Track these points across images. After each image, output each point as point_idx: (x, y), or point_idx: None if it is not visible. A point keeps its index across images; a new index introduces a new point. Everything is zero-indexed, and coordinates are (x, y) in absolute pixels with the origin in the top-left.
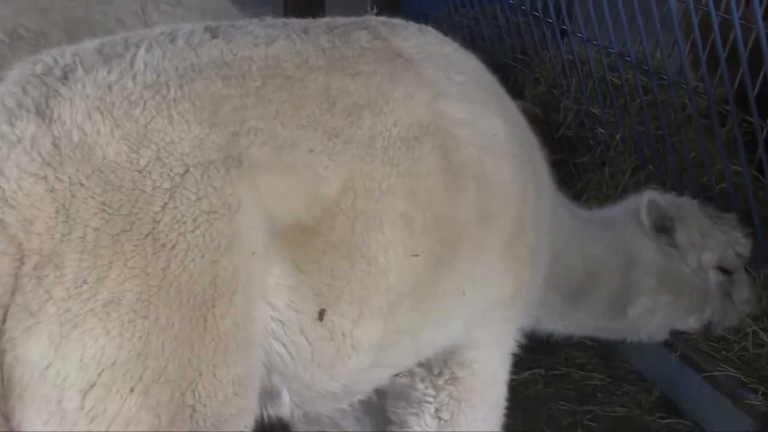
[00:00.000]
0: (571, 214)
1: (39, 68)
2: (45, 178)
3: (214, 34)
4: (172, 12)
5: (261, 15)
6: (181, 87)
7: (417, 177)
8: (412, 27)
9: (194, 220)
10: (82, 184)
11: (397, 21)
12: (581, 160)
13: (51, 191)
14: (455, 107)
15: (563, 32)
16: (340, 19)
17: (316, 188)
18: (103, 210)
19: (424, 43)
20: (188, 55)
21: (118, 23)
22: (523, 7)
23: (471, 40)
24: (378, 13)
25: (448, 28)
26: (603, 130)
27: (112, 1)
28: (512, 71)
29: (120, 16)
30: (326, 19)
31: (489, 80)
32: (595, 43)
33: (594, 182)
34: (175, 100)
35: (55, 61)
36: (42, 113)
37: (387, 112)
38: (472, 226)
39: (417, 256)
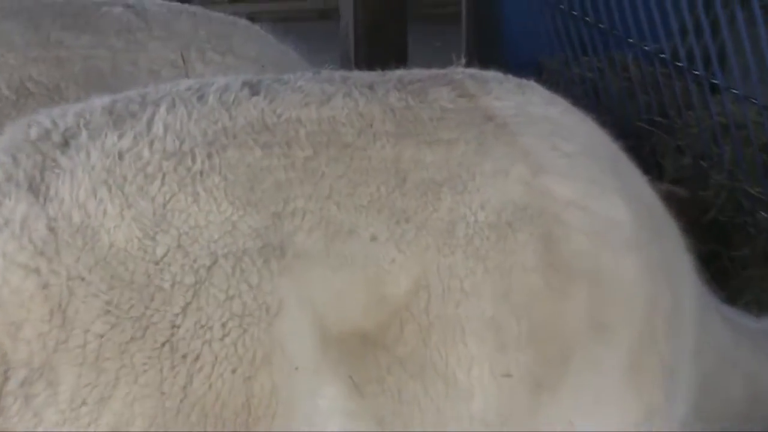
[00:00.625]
0: (726, 323)
1: (34, 132)
2: (37, 270)
3: (253, 90)
4: (221, 62)
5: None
6: (209, 156)
7: (510, 274)
8: (510, 82)
9: (223, 325)
10: (82, 279)
11: (490, 74)
12: (739, 253)
13: (44, 287)
14: (562, 185)
15: (714, 87)
16: (417, 72)
17: (379, 287)
18: (109, 312)
19: (523, 103)
20: (220, 116)
21: (152, 75)
22: (663, 56)
23: (594, 97)
24: (467, 64)
25: (564, 82)
26: (766, 214)
27: (146, 49)
28: (647, 138)
29: (154, 67)
30: (399, 72)
31: (609, 150)
32: (755, 101)
33: (756, 280)
34: (201, 173)
35: (54, 123)
36: (36, 189)
37: (472, 190)
38: (584, 338)
39: (509, 376)
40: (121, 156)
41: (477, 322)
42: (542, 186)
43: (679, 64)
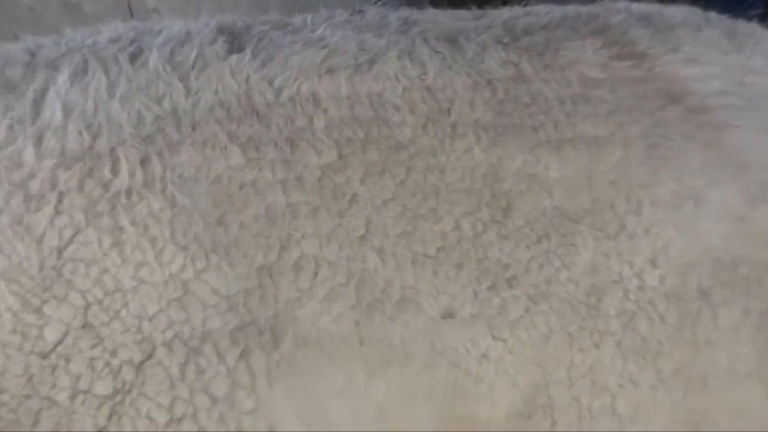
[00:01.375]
0: None
1: None
2: None
3: (233, 42)
4: None
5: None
6: (145, 162)
7: (706, 387)
8: (714, 27)
9: None
10: None
11: (676, 12)
12: None
13: None
14: None
15: None
16: (541, 11)
17: (459, 406)
18: None
19: (737, 68)
20: (169, 90)
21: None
22: None
23: None
24: None
25: None
26: None
27: None
28: None
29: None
30: (507, 12)
31: None
32: None
33: None
34: (129, 194)
35: None
36: None
37: (636, 233)
38: None
39: None
40: None
41: None
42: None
43: None
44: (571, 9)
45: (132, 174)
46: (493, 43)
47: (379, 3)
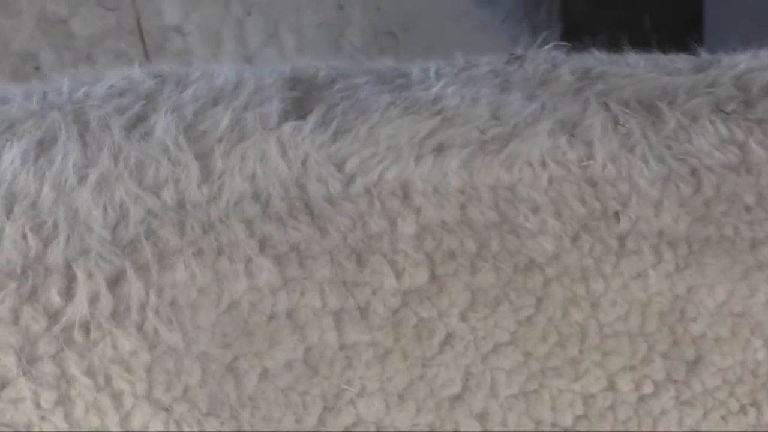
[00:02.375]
0: None
1: None
2: None
3: (298, 103)
4: None
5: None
6: (117, 281)
7: None
8: None
9: None
10: None
11: None
12: None
13: None
14: None
15: None
16: None
17: None
18: None
19: None
20: (180, 171)
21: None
22: None
23: None
24: None
25: None
26: None
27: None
28: None
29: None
30: (727, 60)
31: None
32: None
33: None
34: (111, 332)
35: None
36: None
37: None
38: None
39: None
40: None
41: None
42: None
43: None
44: None
45: (94, 300)
46: (710, 111)
47: (548, 43)
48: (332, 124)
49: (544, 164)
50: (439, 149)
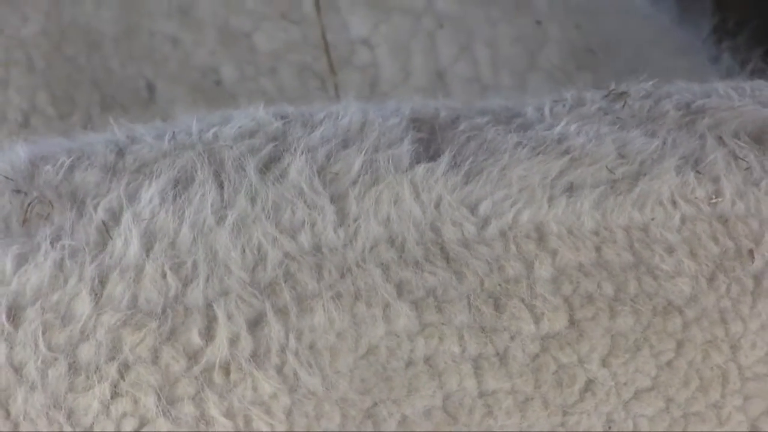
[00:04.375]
0: None
1: None
2: None
3: (427, 144)
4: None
5: None
6: (257, 324)
7: None
8: None
9: None
10: None
11: None
12: None
13: None
14: None
15: None
16: None
17: None
18: None
19: None
20: (316, 215)
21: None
22: None
23: None
24: None
25: None
26: None
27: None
28: None
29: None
30: None
31: None
32: None
33: None
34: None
35: None
36: None
37: None
38: None
39: None
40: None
41: None
42: None
43: None
44: None
45: (234, 341)
46: None
47: (647, 80)
48: (464, 165)
49: (674, 203)
50: (571, 189)
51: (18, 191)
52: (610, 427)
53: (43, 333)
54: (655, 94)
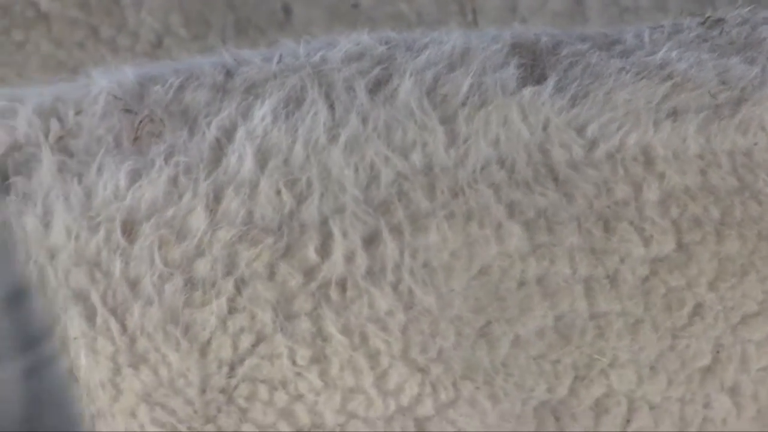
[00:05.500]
0: None
1: None
2: None
3: (532, 68)
4: None
5: None
6: (372, 241)
7: None
8: None
9: None
10: None
11: None
12: None
13: None
14: None
15: None
16: None
17: None
18: None
19: None
20: (427, 135)
21: None
22: None
23: None
24: None
25: None
26: None
27: None
28: None
29: None
30: None
31: None
32: None
33: None
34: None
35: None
36: None
37: None
38: None
39: None
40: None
41: None
42: None
43: None
44: None
45: (350, 258)
46: None
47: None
48: (569, 89)
49: None
50: (675, 114)
51: (128, 110)
52: (718, 352)
53: (159, 248)
54: (752, 20)
